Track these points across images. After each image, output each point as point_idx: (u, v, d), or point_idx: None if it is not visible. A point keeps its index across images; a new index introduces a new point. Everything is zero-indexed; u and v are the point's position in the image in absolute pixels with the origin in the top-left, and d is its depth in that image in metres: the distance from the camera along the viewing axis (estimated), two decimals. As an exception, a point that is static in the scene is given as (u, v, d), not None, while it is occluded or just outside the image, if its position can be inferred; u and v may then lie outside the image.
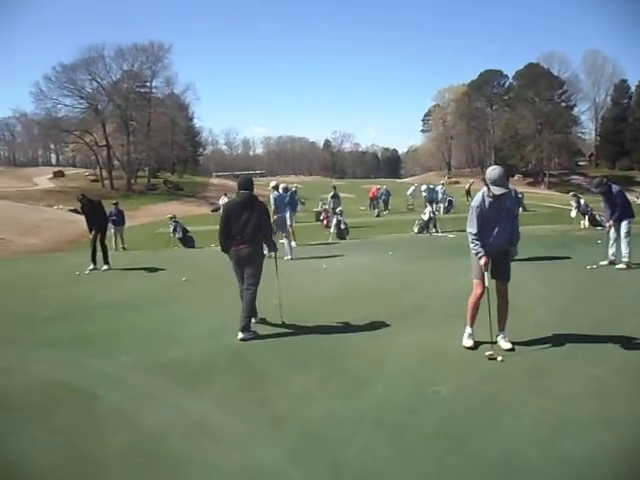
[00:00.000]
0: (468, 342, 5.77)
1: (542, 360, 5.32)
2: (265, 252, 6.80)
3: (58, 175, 73.86)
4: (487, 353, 5.39)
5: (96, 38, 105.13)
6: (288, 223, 14.28)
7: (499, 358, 5.32)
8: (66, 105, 71.99)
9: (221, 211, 7.11)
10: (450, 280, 9.45)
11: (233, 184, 67.87)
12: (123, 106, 71.05)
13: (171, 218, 18.19)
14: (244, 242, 6.48)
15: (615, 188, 10.27)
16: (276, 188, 13.40)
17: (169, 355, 5.89)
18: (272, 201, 12.80)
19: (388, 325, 6.76)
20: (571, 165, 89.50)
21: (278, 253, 7.40)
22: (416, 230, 18.39)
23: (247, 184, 6.80)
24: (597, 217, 17.02)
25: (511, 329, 5.79)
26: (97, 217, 12.11)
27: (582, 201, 18.44)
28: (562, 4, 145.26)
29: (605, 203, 10.53)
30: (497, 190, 5.30)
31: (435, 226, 18.17)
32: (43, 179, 69.92)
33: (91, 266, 12.16)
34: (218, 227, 6.69)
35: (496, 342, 5.67)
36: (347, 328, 6.73)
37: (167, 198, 63.44)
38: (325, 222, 23.79)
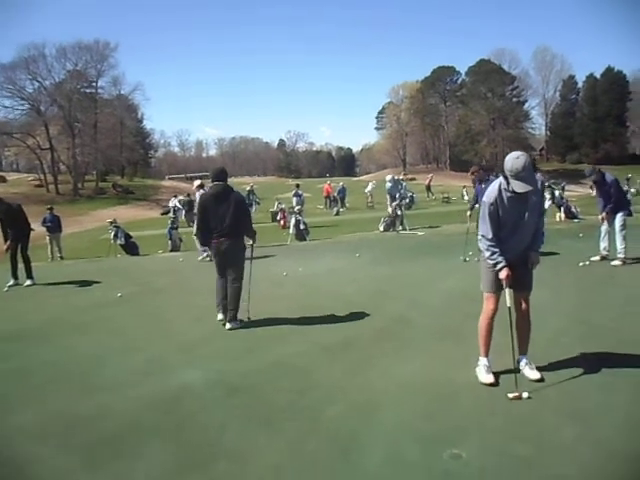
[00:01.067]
0: (487, 377, 4.39)
1: (579, 394, 4.08)
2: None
3: (-1, 180, 69.81)
4: (510, 395, 4.06)
5: (36, 36, 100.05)
6: None
7: (524, 395, 4.03)
8: (5, 106, 68.22)
9: (197, 206, 6.95)
10: (431, 285, 8.29)
11: (186, 186, 66.86)
12: (67, 107, 67.76)
13: (111, 223, 16.13)
14: (224, 235, 6.36)
15: (609, 177, 9.19)
16: (201, 187, 12.63)
17: (75, 411, 4.28)
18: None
19: (370, 349, 5.40)
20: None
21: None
22: (382, 228, 16.97)
23: (220, 175, 6.65)
24: (573, 209, 16.10)
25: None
26: (17, 224, 10.31)
27: (557, 192, 17.54)
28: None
29: (598, 193, 9.44)
30: (520, 187, 4.01)
31: (402, 223, 16.77)
32: (-18, 184, 65.89)
33: (11, 282, 10.41)
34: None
35: (518, 371, 4.36)
36: (319, 357, 5.28)
37: (116, 202, 61.00)
38: (282, 222, 22.31)
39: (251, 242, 6.87)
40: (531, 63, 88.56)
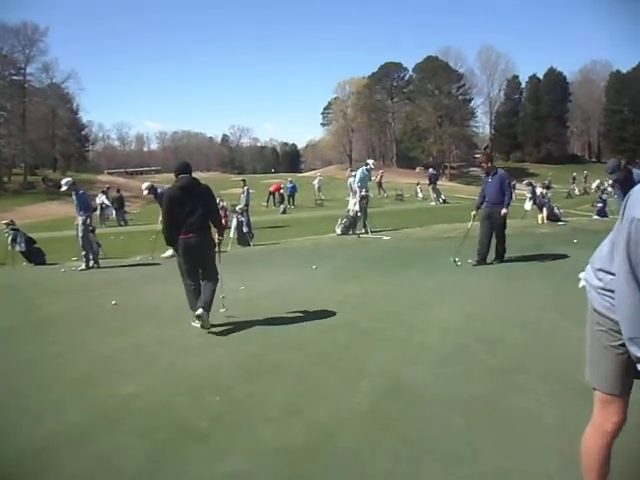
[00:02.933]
0: None
1: None
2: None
3: None
4: None
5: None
6: None
7: None
8: None
9: (163, 200, 6.34)
10: (421, 314, 6.22)
11: (124, 181, 63.43)
12: (-11, 95, 63.21)
13: (7, 225, 13.04)
14: (192, 231, 5.96)
15: (638, 173, 7.27)
16: (152, 189, 12.07)
17: None
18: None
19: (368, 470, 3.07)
20: (469, 157, 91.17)
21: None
22: (339, 231, 14.42)
23: (186, 168, 6.34)
24: (556, 210, 14.37)
25: None
26: None
27: (538, 190, 15.79)
28: None
29: (620, 191, 7.59)
30: None
31: (365, 225, 14.39)
32: None
33: None
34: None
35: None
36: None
37: (46, 197, 56.84)
38: (224, 222, 19.87)
39: (219, 237, 6.38)
40: (476, 62, 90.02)
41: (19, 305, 8.00)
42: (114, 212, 27.35)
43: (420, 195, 33.67)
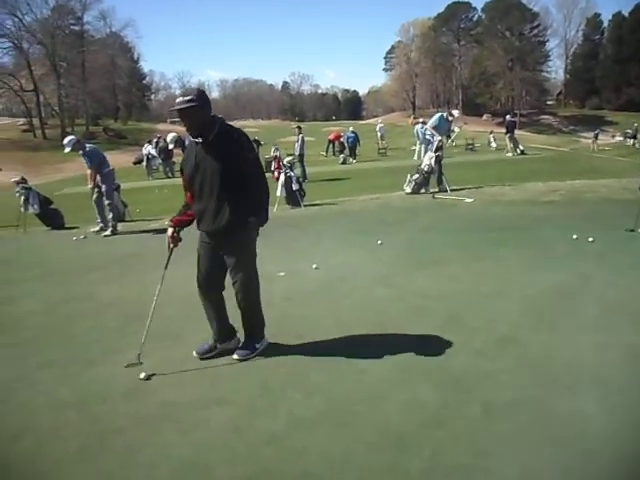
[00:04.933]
0: None
1: None
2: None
3: (-16, 125, 65.29)
4: None
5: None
6: None
7: None
8: (-18, 45, 62.96)
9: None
10: (554, 348, 3.92)
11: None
12: (50, 45, 62.85)
13: (18, 183, 11.38)
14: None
15: None
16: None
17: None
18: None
19: None
20: (540, 104, 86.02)
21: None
22: (409, 189, 11.85)
23: None
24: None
25: None
26: None
27: None
28: None
29: None
30: None
31: (441, 182, 11.90)
32: (-34, 130, 61.48)
33: None
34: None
35: None
36: None
37: (107, 147, 56.04)
38: (277, 174, 17.73)
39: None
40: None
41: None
42: (158, 162, 25.95)
43: (494, 145, 30.51)
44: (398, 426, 2.96)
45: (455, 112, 12.40)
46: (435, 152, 11.43)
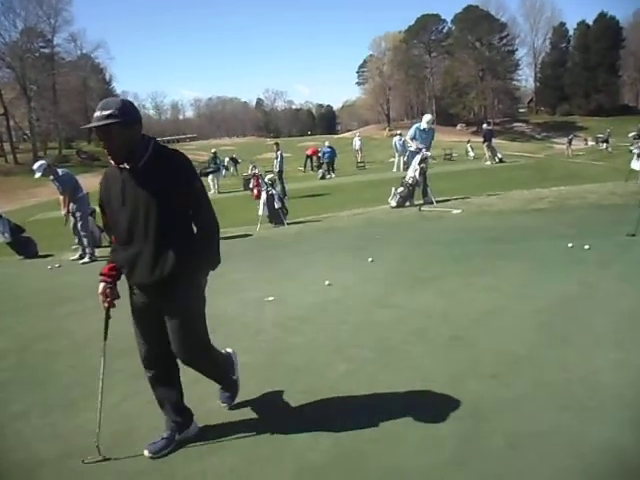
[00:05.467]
0: None
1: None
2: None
3: (-46, 150, 63.95)
4: None
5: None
6: None
7: None
8: (-49, 69, 62.18)
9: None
10: (583, 376, 3.63)
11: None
12: (19, 68, 62.28)
13: None
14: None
15: None
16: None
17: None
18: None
19: None
20: (512, 112, 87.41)
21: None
22: (394, 203, 11.54)
23: None
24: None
25: None
26: None
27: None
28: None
29: None
30: None
31: (426, 194, 11.62)
32: (-63, 157, 60.23)
33: None
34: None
35: None
36: None
37: (80, 170, 55.65)
38: (256, 192, 17.45)
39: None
40: (519, 9, 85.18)
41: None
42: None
43: (471, 154, 30.66)
44: (415, 470, 2.67)
45: (426, 117, 12.06)
46: (419, 164, 11.21)
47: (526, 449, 2.74)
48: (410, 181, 11.30)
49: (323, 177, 26.38)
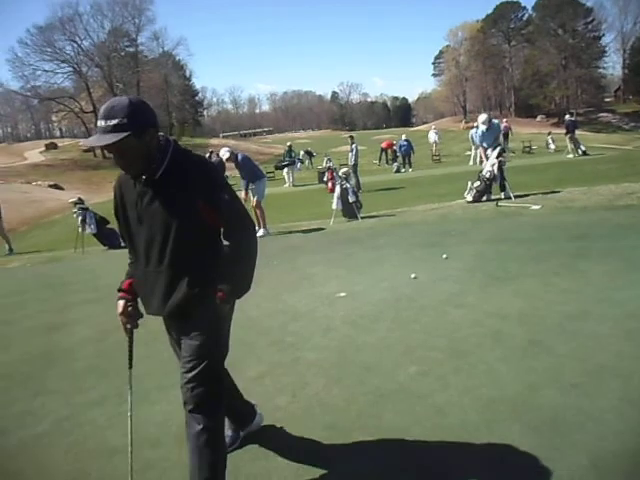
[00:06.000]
0: None
1: None
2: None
3: (50, 147, 68.11)
4: None
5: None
6: (254, 197, 10.51)
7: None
8: (46, 70, 66.44)
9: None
10: None
11: (236, 143, 63.56)
12: (106, 67, 65.50)
13: (75, 204, 11.49)
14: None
15: None
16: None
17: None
18: None
19: None
20: (597, 102, 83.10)
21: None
22: (470, 197, 11.16)
23: None
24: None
25: None
26: None
27: None
28: None
29: None
30: None
31: (504, 189, 11.10)
32: (34, 153, 64.39)
33: None
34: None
35: None
36: None
37: (161, 164, 58.53)
38: (330, 185, 17.45)
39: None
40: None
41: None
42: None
43: (552, 146, 29.36)
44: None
45: (480, 117, 11.69)
46: (497, 157, 10.81)
47: (611, 471, 2.54)
48: (487, 175, 10.90)
49: (398, 170, 26.09)
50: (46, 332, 5.52)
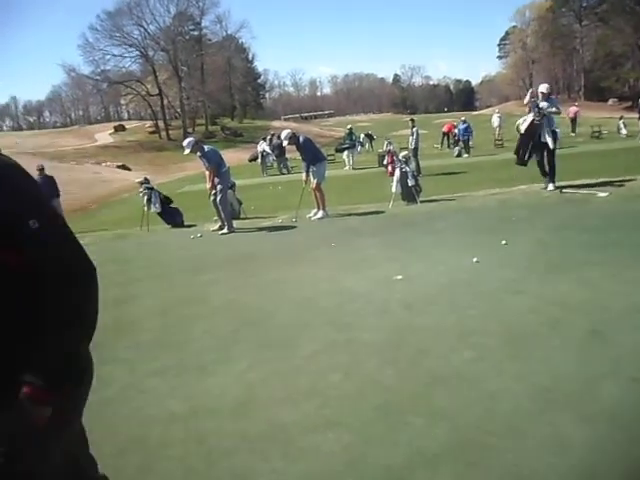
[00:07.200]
0: None
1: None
2: None
3: (119, 129, 70.86)
4: None
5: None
6: (315, 179, 10.53)
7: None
8: (115, 55, 69.03)
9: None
10: None
11: (297, 126, 63.84)
12: (171, 50, 67.07)
13: (142, 183, 12.01)
14: None
15: None
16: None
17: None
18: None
19: None
20: (677, 85, 78.50)
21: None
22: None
23: None
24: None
25: None
26: None
27: None
28: None
29: None
30: None
31: (547, 174, 10.50)
32: (104, 135, 67.17)
33: None
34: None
35: None
36: None
37: (224, 145, 59.39)
38: (390, 169, 17.33)
39: None
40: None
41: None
42: (271, 159, 26.60)
43: (624, 132, 28.05)
44: (541, 469, 2.52)
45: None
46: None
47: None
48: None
49: (459, 155, 25.59)
50: (115, 304, 5.79)
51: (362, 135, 33.76)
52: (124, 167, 45.35)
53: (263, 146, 26.68)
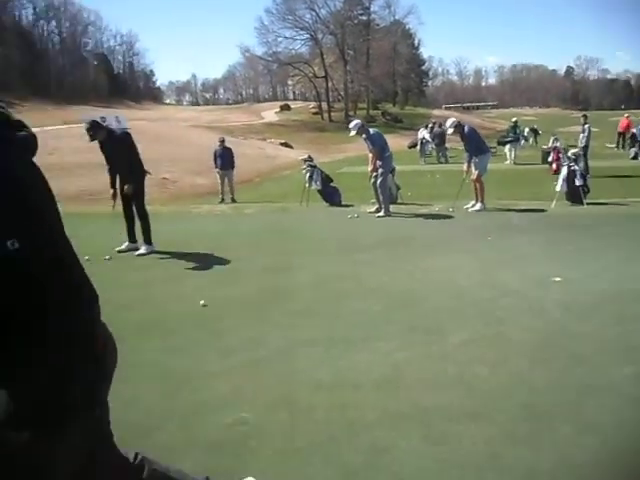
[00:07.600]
0: None
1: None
2: None
3: (284, 108, 74.09)
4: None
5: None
6: (476, 171, 10.24)
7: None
8: (286, 37, 72.16)
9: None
10: None
11: (459, 116, 61.91)
12: (340, 34, 68.46)
13: (305, 161, 12.55)
14: None
15: None
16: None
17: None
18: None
19: None
20: None
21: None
22: None
23: None
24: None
25: None
26: (125, 159, 7.09)
27: None
28: None
29: None
30: None
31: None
32: (270, 113, 70.59)
33: (124, 245, 7.51)
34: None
35: None
36: None
37: (384, 130, 59.21)
38: (555, 166, 16.36)
39: None
40: None
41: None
42: (430, 147, 26.23)
43: None
44: None
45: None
46: None
47: None
48: None
49: (635, 157, 23.38)
50: (274, 272, 6.17)
51: (527, 129, 32.04)
52: (286, 145, 47.21)
53: (423, 133, 26.38)
